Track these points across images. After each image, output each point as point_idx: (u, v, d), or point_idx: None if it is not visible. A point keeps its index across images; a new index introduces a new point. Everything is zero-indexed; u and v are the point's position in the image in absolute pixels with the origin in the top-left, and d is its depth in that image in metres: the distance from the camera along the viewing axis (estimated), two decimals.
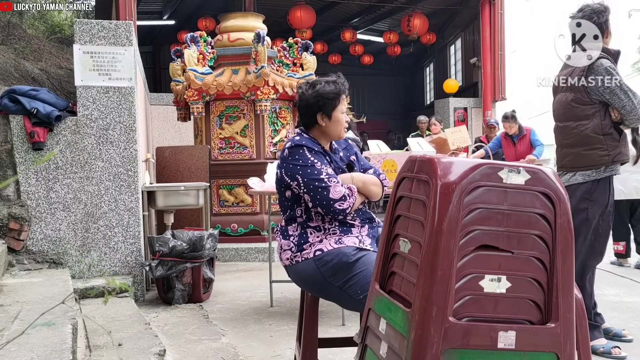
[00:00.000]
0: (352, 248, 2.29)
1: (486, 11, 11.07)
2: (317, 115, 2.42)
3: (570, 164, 3.15)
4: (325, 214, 2.31)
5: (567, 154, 3.18)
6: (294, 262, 2.37)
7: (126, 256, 4.22)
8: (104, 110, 4.17)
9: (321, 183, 2.28)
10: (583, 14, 3.15)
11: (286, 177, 2.36)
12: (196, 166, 5.83)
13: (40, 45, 6.96)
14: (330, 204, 2.27)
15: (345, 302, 2.34)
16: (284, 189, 2.41)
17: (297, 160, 2.34)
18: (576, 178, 3.11)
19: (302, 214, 2.38)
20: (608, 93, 3.03)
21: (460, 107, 11.79)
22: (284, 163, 2.38)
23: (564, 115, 3.18)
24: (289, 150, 2.38)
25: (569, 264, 1.49)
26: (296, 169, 2.33)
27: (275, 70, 6.38)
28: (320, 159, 2.36)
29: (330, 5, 13.13)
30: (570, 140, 3.15)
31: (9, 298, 3.00)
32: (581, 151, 3.11)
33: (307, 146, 2.37)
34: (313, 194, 2.28)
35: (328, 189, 2.27)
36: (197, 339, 3.35)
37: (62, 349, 2.18)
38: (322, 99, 2.40)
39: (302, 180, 2.31)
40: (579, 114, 3.10)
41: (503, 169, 1.48)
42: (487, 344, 1.44)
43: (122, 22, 4.39)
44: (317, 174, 2.30)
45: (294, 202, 2.39)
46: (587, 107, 3.08)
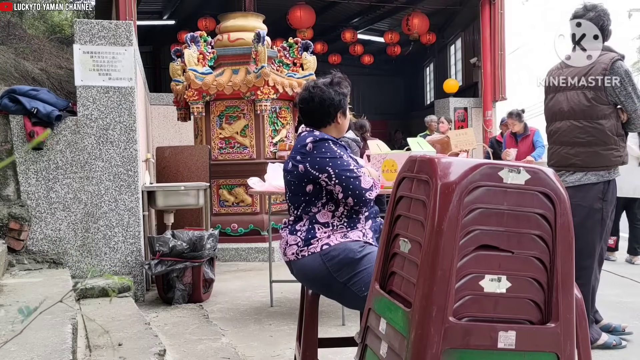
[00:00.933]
0: (359, 244, 2.32)
1: (486, 11, 11.07)
2: (338, 113, 2.49)
3: (582, 163, 3.11)
4: (355, 203, 2.34)
5: (579, 153, 3.13)
6: (299, 256, 2.37)
7: (126, 256, 4.22)
8: (104, 110, 4.17)
9: (352, 173, 2.34)
10: (596, 12, 3.14)
11: (313, 170, 2.36)
12: (196, 166, 5.83)
13: (40, 45, 6.97)
14: (362, 193, 2.32)
15: (348, 299, 2.35)
16: (305, 183, 2.40)
17: (324, 153, 2.36)
18: (589, 178, 3.10)
19: (318, 209, 2.39)
20: (624, 95, 3.05)
21: (460, 107, 11.79)
22: (308, 157, 2.37)
23: (582, 113, 3.12)
24: (313, 144, 2.38)
25: (569, 264, 1.49)
26: (325, 161, 2.35)
27: (275, 70, 6.38)
28: (344, 151, 2.43)
29: (330, 5, 13.12)
30: (587, 139, 3.11)
31: (9, 298, 3.00)
32: (599, 150, 3.09)
33: (332, 140, 2.42)
34: (346, 184, 2.32)
35: (359, 179, 2.34)
36: (197, 339, 3.35)
37: (62, 349, 2.18)
38: (344, 97, 2.49)
39: (333, 171, 2.33)
40: (598, 112, 3.09)
41: (503, 169, 1.48)
42: (487, 344, 1.44)
43: (122, 22, 4.39)
44: (347, 165, 2.36)
45: (313, 197, 2.39)
46: (605, 106, 3.08)
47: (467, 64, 12.92)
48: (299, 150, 2.42)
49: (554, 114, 3.28)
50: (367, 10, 13.58)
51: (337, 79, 2.51)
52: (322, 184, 2.37)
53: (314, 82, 2.53)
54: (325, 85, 2.48)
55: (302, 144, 2.42)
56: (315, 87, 2.49)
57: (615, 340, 3.15)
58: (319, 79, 2.55)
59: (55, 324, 2.45)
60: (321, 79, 2.54)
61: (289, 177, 2.47)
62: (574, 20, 3.21)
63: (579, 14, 3.19)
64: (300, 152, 2.41)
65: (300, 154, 2.41)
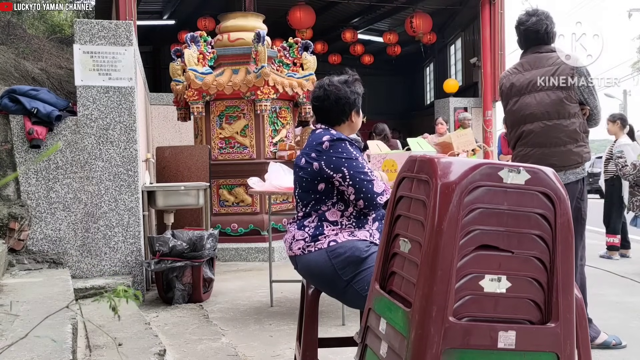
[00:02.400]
0: (365, 243, 2.32)
1: (486, 11, 11.07)
2: (353, 112, 2.49)
3: (560, 163, 3.14)
4: (365, 206, 2.34)
5: (556, 152, 3.17)
6: (306, 251, 2.37)
7: (126, 256, 4.22)
8: (104, 110, 4.17)
9: (366, 176, 2.34)
10: (537, 17, 3.20)
11: (327, 169, 2.35)
12: (196, 166, 5.83)
13: (40, 45, 6.96)
14: (374, 197, 2.32)
15: (350, 298, 2.35)
16: (318, 181, 2.39)
17: (340, 153, 2.35)
18: (568, 177, 3.14)
19: (328, 208, 2.38)
20: (587, 93, 3.15)
21: (460, 107, 11.79)
22: (324, 156, 2.36)
23: (557, 114, 3.16)
24: (330, 143, 2.37)
25: (569, 263, 1.49)
26: (341, 161, 2.34)
27: (275, 70, 6.38)
28: (360, 153, 2.43)
29: (330, 5, 13.13)
30: (561, 139, 3.16)
31: (9, 298, 3.00)
32: (572, 149, 3.15)
33: (349, 140, 2.41)
34: (359, 186, 2.32)
35: (372, 182, 2.34)
36: (197, 338, 3.35)
37: (62, 348, 2.18)
38: (358, 96, 2.50)
39: (348, 172, 2.33)
40: (570, 111, 3.15)
41: (503, 169, 1.48)
42: (487, 344, 1.44)
43: (122, 22, 4.39)
44: (362, 167, 2.35)
45: (323, 195, 2.39)
46: (574, 105, 3.15)
47: (467, 64, 12.93)
48: (314, 147, 2.40)
49: (522, 117, 3.26)
50: (367, 10, 13.58)
51: (352, 78, 2.51)
52: (334, 184, 2.36)
53: (329, 80, 2.51)
54: (341, 83, 2.48)
55: (318, 142, 2.40)
56: (330, 85, 2.47)
57: (614, 339, 3.15)
58: (333, 77, 2.53)
59: (55, 324, 2.45)
60: (336, 77, 2.52)
61: (301, 173, 2.45)
62: (520, 27, 3.26)
63: (522, 20, 3.25)
64: (315, 149, 2.39)
65: (315, 151, 2.39)
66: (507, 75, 3.37)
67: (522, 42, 3.32)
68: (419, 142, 3.94)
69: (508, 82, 3.32)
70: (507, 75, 3.37)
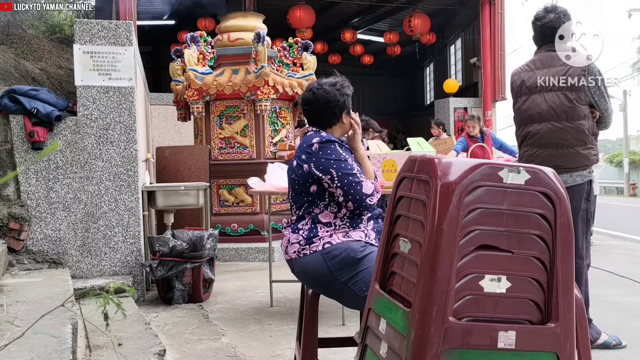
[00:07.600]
0: (360, 243, 2.32)
1: (486, 11, 11.08)
2: (343, 114, 2.50)
3: (566, 165, 3.12)
4: (355, 208, 2.35)
5: (562, 154, 3.14)
6: (301, 254, 2.37)
7: (126, 256, 4.21)
8: (104, 110, 4.17)
9: (355, 178, 2.34)
10: (556, 14, 3.15)
11: (317, 171, 2.36)
12: (196, 166, 5.83)
13: (40, 45, 6.95)
14: (362, 198, 2.33)
15: (348, 299, 2.35)
16: (309, 184, 2.40)
17: (329, 154, 2.37)
18: (575, 179, 3.11)
19: (321, 210, 2.39)
20: (598, 95, 3.09)
21: (460, 107, 11.80)
22: (313, 157, 2.38)
23: (564, 114, 3.12)
24: (319, 145, 2.38)
25: (569, 263, 1.49)
26: (329, 162, 2.35)
27: (275, 70, 6.38)
28: (349, 155, 2.44)
29: (330, 5, 13.13)
30: (568, 141, 3.13)
31: (9, 298, 3.00)
32: (580, 150, 3.12)
33: (338, 142, 2.42)
34: (347, 188, 2.32)
35: (361, 184, 2.34)
36: (197, 338, 3.35)
37: (62, 349, 2.18)
38: (348, 97, 2.50)
39: (336, 174, 2.34)
40: (579, 113, 3.11)
41: (503, 169, 1.48)
42: (487, 344, 1.44)
43: (122, 22, 4.39)
44: (350, 169, 2.36)
45: (316, 197, 2.40)
46: (584, 107, 3.11)
47: (467, 64, 12.92)
48: (304, 149, 2.42)
49: (530, 116, 3.23)
50: (367, 10, 13.58)
51: (340, 80, 2.52)
52: (324, 186, 2.37)
53: (317, 84, 2.52)
54: (330, 86, 2.49)
55: (308, 144, 2.42)
56: (319, 89, 2.48)
57: (614, 339, 3.15)
58: (321, 80, 2.55)
59: (55, 324, 2.45)
60: (324, 79, 2.54)
61: (293, 175, 2.47)
62: (536, 23, 3.21)
63: (539, 16, 3.20)
64: (305, 151, 2.41)
65: (305, 153, 2.41)
66: (518, 72, 3.33)
67: (537, 39, 3.27)
68: (419, 142, 3.93)
69: (519, 80, 3.28)
70: (518, 72, 3.33)
